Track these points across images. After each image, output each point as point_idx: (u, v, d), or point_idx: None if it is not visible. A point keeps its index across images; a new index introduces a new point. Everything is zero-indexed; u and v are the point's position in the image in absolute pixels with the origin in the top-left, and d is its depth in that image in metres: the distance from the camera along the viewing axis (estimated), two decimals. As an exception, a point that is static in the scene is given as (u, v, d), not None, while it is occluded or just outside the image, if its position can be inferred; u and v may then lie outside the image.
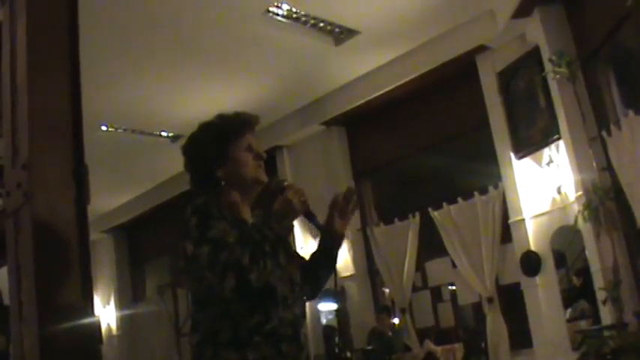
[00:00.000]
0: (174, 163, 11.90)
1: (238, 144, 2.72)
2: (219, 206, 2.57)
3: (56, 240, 1.83)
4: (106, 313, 14.75)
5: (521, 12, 7.58)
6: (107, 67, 8.28)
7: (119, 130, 10.49)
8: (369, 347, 9.07)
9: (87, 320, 1.85)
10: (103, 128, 10.25)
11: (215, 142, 2.72)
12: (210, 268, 2.37)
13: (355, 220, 9.78)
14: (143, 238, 14.84)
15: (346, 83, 9.84)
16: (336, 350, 10.03)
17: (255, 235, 2.45)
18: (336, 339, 10.31)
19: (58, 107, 1.93)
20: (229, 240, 2.41)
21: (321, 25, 8.25)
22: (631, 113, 6.17)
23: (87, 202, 1.90)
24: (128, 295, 14.91)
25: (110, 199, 13.60)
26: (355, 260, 9.82)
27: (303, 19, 8.05)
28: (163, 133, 10.93)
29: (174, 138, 11.07)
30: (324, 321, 10.56)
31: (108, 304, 14.88)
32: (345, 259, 9.79)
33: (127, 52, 8.17)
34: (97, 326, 1.93)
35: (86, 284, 1.87)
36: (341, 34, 8.51)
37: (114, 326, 14.72)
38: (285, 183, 2.67)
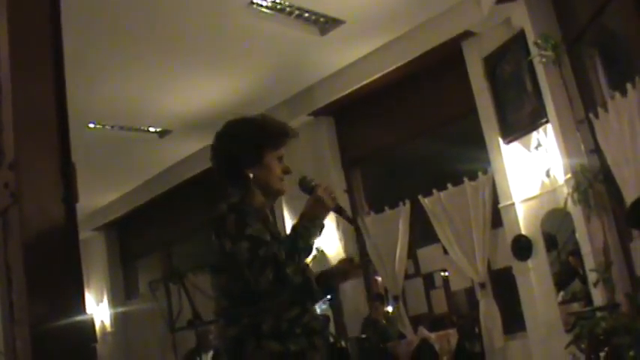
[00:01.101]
0: (163, 158, 12.01)
1: (274, 152, 2.87)
2: (251, 206, 2.73)
3: (45, 239, 1.82)
4: (99, 311, 14.72)
5: (505, -4, 7.59)
6: (93, 65, 8.24)
7: (107, 127, 10.44)
8: (363, 336, 9.09)
9: (80, 318, 1.85)
10: (91, 126, 10.20)
11: (255, 143, 2.84)
12: (249, 263, 2.52)
13: (345, 208, 9.77)
14: (134, 235, 14.81)
15: (333, 73, 9.82)
16: (331, 339, 10.04)
17: (290, 233, 2.64)
18: (331, 328, 10.31)
19: (44, 106, 1.93)
20: (266, 238, 2.58)
21: (306, 15, 8.23)
22: (617, 95, 6.19)
23: (75, 200, 1.90)
24: (121, 293, 14.88)
25: (100, 196, 13.56)
26: (347, 249, 9.83)
27: (288, 9, 8.03)
28: (151, 129, 10.89)
29: (162, 133, 11.04)
30: (317, 310, 10.56)
31: (101, 301, 14.85)
32: (336, 249, 9.81)
33: (112, 48, 8.12)
34: (90, 324, 1.93)
35: (77, 282, 1.87)
36: (326, 23, 8.49)
37: (107, 324, 14.70)
38: (314, 182, 2.84)
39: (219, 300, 2.72)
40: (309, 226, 2.66)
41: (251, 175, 2.81)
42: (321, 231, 2.70)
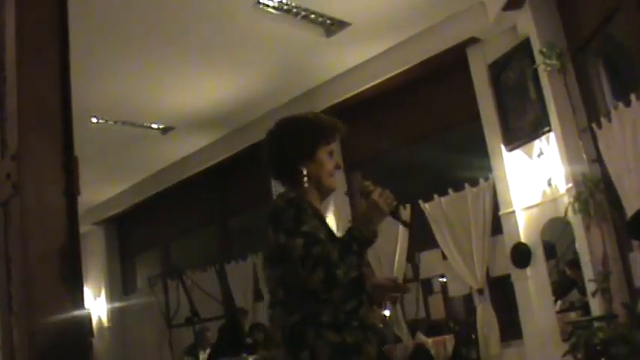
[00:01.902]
0: (164, 155, 12.02)
1: (326, 147, 2.91)
2: (308, 202, 2.77)
3: (46, 231, 1.82)
4: (96, 306, 14.72)
5: (512, 4, 7.59)
6: (98, 59, 8.25)
7: (109, 122, 10.45)
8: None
9: (77, 312, 1.84)
10: (94, 120, 10.22)
11: (308, 139, 2.89)
12: (302, 260, 2.55)
13: (345, 209, 9.80)
14: (134, 230, 14.83)
15: (337, 75, 9.83)
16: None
17: (344, 234, 2.67)
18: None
19: (48, 98, 1.93)
20: (321, 236, 2.62)
21: (312, 16, 8.24)
22: (620, 105, 6.19)
23: (77, 193, 1.90)
24: (119, 288, 14.89)
25: (101, 191, 13.58)
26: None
27: (294, 10, 8.04)
28: (154, 125, 10.91)
29: (165, 130, 11.05)
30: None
31: (99, 296, 14.85)
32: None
33: (118, 43, 8.14)
34: (87, 318, 1.93)
35: (76, 276, 1.87)
36: (332, 25, 8.50)
37: (105, 318, 14.70)
38: (371, 187, 2.84)
39: (275, 291, 2.74)
40: (364, 229, 2.70)
41: (304, 171, 2.84)
42: (374, 235, 2.73)
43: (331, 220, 10.08)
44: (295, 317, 2.65)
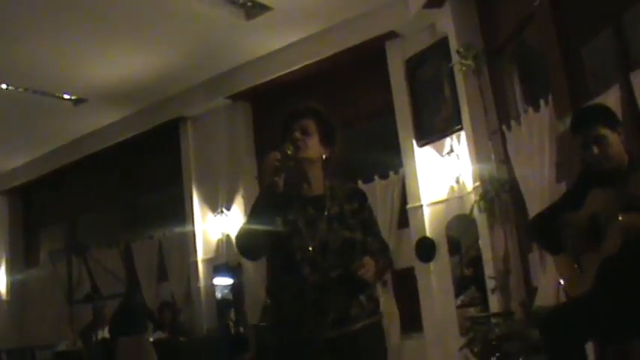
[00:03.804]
0: (76, 126, 11.77)
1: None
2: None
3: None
4: (-5, 278, 14.37)
5: (433, 2, 7.69)
6: (10, 24, 8.04)
7: (20, 90, 10.14)
8: (262, 324, 9.09)
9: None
10: (3, 86, 9.92)
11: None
12: None
13: (255, 192, 9.78)
14: (39, 202, 14.42)
15: (255, 59, 9.77)
16: (230, 325, 10.03)
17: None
18: (231, 314, 10.29)
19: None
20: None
21: (235, -3, 8.20)
22: (530, 110, 6.39)
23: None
24: (21, 260, 14.50)
25: (6, 159, 13.22)
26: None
27: (217, -10, 7.98)
28: (66, 96, 10.62)
29: (77, 101, 10.79)
30: (219, 295, 10.51)
31: (-1, 268, 14.48)
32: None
33: (31, 9, 7.89)
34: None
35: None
36: (253, 8, 8.44)
37: (4, 291, 14.33)
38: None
39: None
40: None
41: None
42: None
43: (240, 205, 10.10)
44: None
